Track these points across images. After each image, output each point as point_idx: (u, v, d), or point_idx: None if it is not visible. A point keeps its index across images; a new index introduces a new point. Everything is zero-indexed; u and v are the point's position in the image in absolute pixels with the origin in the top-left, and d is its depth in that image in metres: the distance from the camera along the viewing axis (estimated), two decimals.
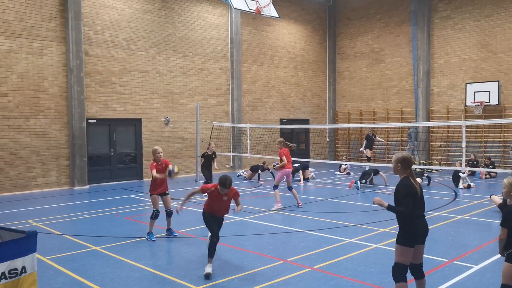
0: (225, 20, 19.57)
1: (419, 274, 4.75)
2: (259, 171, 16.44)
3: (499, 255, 6.77)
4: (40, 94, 14.51)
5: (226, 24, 19.59)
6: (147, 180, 16.79)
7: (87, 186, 15.29)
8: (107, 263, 6.74)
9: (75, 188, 14.98)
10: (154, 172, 7.90)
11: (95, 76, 15.74)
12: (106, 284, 5.81)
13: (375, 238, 7.93)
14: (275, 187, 10.79)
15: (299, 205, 10.93)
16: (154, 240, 7.91)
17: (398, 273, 4.55)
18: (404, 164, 4.59)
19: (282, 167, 10.80)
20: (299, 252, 7.12)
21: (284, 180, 11.03)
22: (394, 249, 4.64)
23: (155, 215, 8.00)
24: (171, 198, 8.79)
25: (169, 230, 8.32)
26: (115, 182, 16.25)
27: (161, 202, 8.27)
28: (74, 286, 5.80)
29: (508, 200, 4.56)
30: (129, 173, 16.85)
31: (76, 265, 6.65)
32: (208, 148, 13.51)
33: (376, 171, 14.78)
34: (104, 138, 16.33)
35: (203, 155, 13.51)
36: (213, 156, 13.48)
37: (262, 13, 18.42)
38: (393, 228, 8.60)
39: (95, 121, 15.84)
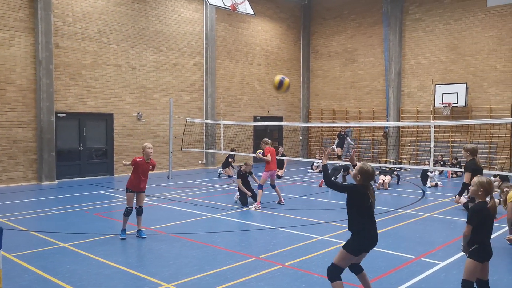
0: (200, 15, 19.42)
1: (358, 269, 4.89)
2: (230, 160, 16.69)
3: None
4: (7, 86, 14.05)
5: (201, 19, 19.44)
6: (118, 176, 16.52)
7: (55, 182, 14.92)
8: (75, 260, 6.60)
9: (42, 183, 14.60)
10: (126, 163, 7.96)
11: (65, 68, 15.35)
12: (74, 282, 5.70)
13: (346, 235, 8.02)
14: (260, 186, 10.76)
15: (282, 202, 11.00)
16: (124, 238, 7.79)
17: (334, 273, 4.64)
18: (364, 176, 4.69)
19: (267, 162, 10.86)
20: (270, 249, 7.16)
21: (269, 179, 11.07)
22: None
23: (127, 212, 7.87)
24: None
25: (138, 232, 7.93)
26: (84, 178, 15.92)
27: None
28: (42, 284, 5.66)
29: (470, 198, 4.68)
30: (99, 169, 16.53)
31: (43, 262, 6.49)
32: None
33: (346, 168, 14.97)
34: (73, 133, 15.96)
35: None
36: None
37: (237, 9, 18.37)
38: None
39: (64, 115, 15.46)
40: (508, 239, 7.49)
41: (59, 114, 15.26)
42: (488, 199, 4.50)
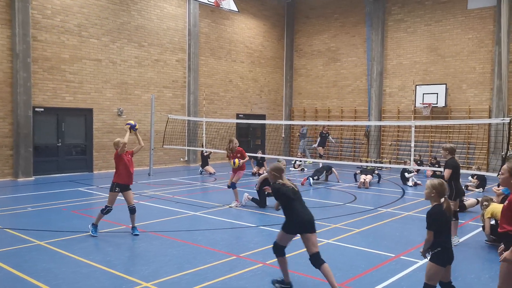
0: (183, 11, 19.21)
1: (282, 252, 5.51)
2: (205, 154, 16.79)
3: None
4: None
5: (184, 15, 19.24)
6: (97, 172, 16.25)
7: (32, 178, 14.59)
8: (51, 258, 6.44)
9: (19, 179, 14.25)
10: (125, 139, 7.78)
11: (43, 62, 15.01)
12: (50, 281, 5.55)
13: (328, 233, 8.06)
14: (234, 185, 10.59)
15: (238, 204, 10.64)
16: (95, 236, 7.58)
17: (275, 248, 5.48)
18: (276, 172, 5.49)
19: (242, 166, 10.67)
20: (252, 248, 7.11)
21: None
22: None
23: (106, 211, 7.70)
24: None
25: (133, 228, 7.82)
26: (62, 174, 15.60)
27: (122, 198, 7.91)
28: (16, 283, 5.49)
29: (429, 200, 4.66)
30: (78, 165, 16.22)
31: (18, 260, 6.31)
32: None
33: (328, 168, 15.04)
34: (52, 128, 15.63)
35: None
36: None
37: (221, 6, 18.25)
38: (345, 223, 8.79)
39: (42, 109, 15.12)
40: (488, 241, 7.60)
41: (36, 109, 14.91)
42: (442, 200, 4.48)
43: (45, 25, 14.99)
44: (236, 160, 10.53)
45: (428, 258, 4.51)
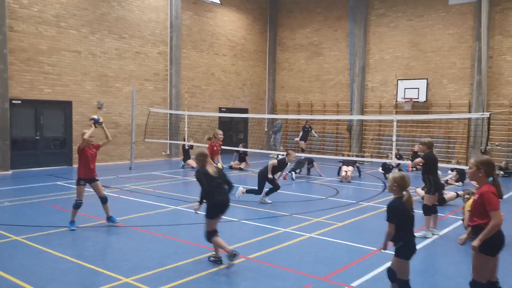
0: (165, 2, 18.93)
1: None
2: (186, 148, 16.63)
3: (421, 244, 7.15)
4: None
5: (165, 7, 18.96)
6: (76, 166, 15.90)
7: (10, 172, 14.24)
8: (29, 254, 6.28)
9: None
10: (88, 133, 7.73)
11: (20, 53, 14.61)
12: (27, 277, 5.40)
13: (309, 227, 8.07)
14: None
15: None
16: (74, 230, 7.48)
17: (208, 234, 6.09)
18: (201, 158, 6.09)
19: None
20: (234, 242, 7.05)
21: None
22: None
23: (77, 205, 7.60)
24: (103, 186, 8.42)
25: (109, 218, 7.85)
26: (41, 168, 15.28)
27: (92, 190, 7.86)
28: None
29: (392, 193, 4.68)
30: (57, 159, 15.91)
31: None
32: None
33: (310, 161, 15.05)
34: (29, 121, 15.26)
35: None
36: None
37: None
38: (327, 217, 8.81)
39: (19, 102, 14.74)
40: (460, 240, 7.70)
41: (13, 101, 14.53)
42: (404, 193, 4.49)
43: (21, 15, 14.58)
44: (219, 164, 10.56)
45: (382, 248, 4.59)
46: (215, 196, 5.99)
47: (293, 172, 14.22)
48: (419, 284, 5.48)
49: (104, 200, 7.80)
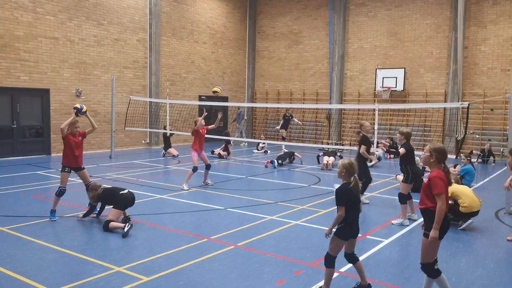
0: None
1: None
2: (168, 135, 16.50)
3: (404, 230, 7.41)
4: None
5: None
6: (55, 155, 15.69)
7: None
8: (16, 244, 6.23)
9: None
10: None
11: None
12: (16, 267, 5.38)
13: (295, 215, 8.23)
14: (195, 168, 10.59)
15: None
16: (54, 220, 7.44)
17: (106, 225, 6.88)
18: None
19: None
20: (222, 230, 7.16)
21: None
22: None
23: (59, 192, 7.54)
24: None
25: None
26: (18, 157, 14.98)
27: (76, 180, 7.80)
28: None
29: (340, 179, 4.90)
30: (35, 148, 15.62)
31: None
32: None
33: (291, 154, 15.12)
34: (5, 109, 14.90)
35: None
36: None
37: None
38: (311, 205, 8.99)
39: None
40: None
41: None
42: (352, 179, 4.74)
43: None
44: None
45: (328, 233, 4.78)
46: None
47: (275, 160, 14.35)
48: (405, 267, 5.71)
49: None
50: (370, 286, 4.86)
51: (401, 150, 7.85)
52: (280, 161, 14.53)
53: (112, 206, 7.19)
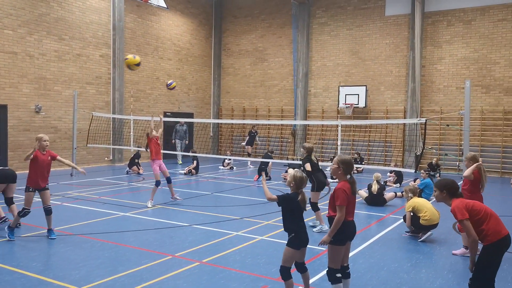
0: (107, 4, 18.46)
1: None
2: (136, 160, 16.23)
3: (369, 241, 7.55)
4: None
5: (108, 9, 18.49)
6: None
7: None
8: None
9: None
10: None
11: None
12: None
13: (260, 230, 8.24)
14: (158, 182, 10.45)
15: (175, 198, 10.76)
16: (13, 240, 7.14)
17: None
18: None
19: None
20: (187, 247, 7.07)
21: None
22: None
23: (23, 214, 7.26)
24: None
25: (49, 231, 7.45)
26: None
27: (39, 198, 7.50)
28: None
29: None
30: None
31: None
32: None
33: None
34: None
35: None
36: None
37: (149, 1, 17.82)
38: (276, 220, 9.03)
39: None
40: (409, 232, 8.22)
41: None
42: (299, 191, 4.93)
43: None
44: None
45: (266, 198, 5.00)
46: None
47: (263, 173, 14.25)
48: (368, 279, 5.80)
49: (48, 211, 7.42)
50: None
51: (307, 166, 8.25)
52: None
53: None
